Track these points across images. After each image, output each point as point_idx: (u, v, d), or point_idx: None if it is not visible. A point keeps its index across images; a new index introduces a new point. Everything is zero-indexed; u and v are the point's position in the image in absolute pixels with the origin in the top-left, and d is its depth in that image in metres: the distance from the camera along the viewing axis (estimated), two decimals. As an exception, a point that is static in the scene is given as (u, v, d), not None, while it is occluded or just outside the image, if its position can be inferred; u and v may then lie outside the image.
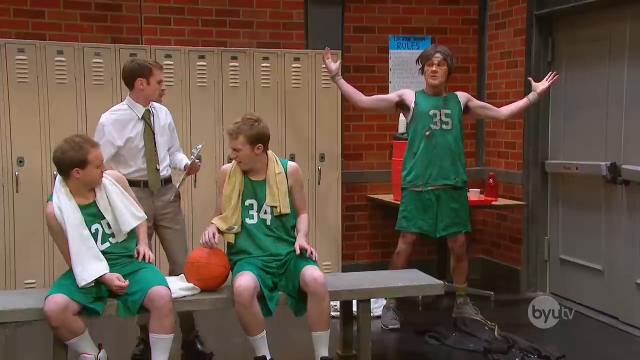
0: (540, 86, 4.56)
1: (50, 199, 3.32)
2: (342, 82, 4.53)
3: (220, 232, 3.56)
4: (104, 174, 3.36)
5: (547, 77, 4.61)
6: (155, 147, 3.81)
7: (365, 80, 5.71)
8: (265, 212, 3.59)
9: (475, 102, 4.63)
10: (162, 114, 3.93)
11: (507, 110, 4.62)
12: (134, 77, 3.76)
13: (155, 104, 3.91)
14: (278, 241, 3.59)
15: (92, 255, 3.23)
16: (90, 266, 3.20)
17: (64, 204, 3.24)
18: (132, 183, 3.72)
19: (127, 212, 3.37)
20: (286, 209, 3.60)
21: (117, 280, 3.23)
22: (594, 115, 4.84)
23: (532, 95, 4.58)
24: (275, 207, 3.58)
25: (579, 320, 4.76)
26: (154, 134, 3.81)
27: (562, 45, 5.17)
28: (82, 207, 3.29)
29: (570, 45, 5.10)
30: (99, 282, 3.23)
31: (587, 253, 4.97)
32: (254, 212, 3.57)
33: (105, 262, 3.25)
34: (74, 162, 3.22)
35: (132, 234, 3.43)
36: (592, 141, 4.84)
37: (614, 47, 4.67)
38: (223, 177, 3.62)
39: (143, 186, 3.79)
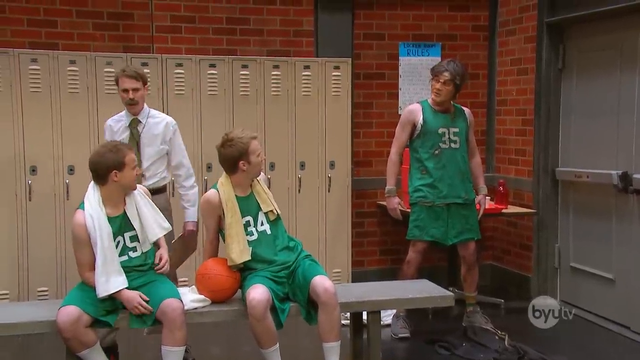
0: (481, 200, 4.62)
1: (80, 207, 3.34)
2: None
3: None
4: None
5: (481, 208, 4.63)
6: (140, 156, 3.86)
7: (375, 87, 5.73)
8: (262, 224, 3.59)
9: (471, 132, 4.59)
10: (160, 125, 3.97)
11: (473, 162, 4.60)
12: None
13: (160, 115, 4.00)
14: (282, 250, 3.60)
15: (115, 269, 3.27)
16: (114, 279, 3.24)
17: (95, 213, 3.28)
18: None
19: (154, 222, 3.42)
20: (279, 210, 3.64)
21: (139, 298, 3.24)
22: (605, 124, 4.82)
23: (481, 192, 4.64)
24: (271, 211, 3.60)
25: (590, 329, 4.77)
26: (137, 143, 3.88)
27: (573, 52, 5.15)
28: (109, 219, 3.32)
29: (581, 53, 5.08)
30: (114, 296, 3.26)
31: (598, 261, 4.95)
32: (252, 229, 3.56)
33: (124, 277, 3.28)
34: (113, 164, 3.28)
35: (151, 247, 3.46)
36: (603, 150, 4.83)
37: (626, 55, 4.65)
38: (213, 207, 3.54)
39: None
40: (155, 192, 3.91)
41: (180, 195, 4.10)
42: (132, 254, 3.38)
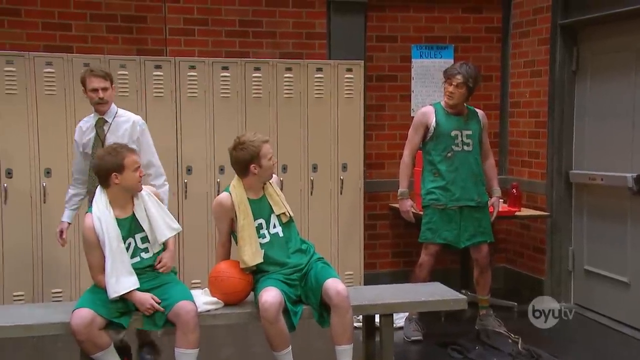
0: (495, 203, 4.62)
1: (89, 210, 3.38)
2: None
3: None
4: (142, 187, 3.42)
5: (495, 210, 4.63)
6: None
7: (387, 90, 5.73)
8: (275, 226, 3.59)
9: (485, 134, 4.57)
10: (126, 125, 3.90)
11: (487, 164, 4.59)
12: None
13: (126, 114, 3.95)
14: (295, 252, 3.60)
15: (125, 269, 3.28)
16: (123, 279, 3.26)
17: (103, 215, 3.30)
18: (88, 191, 3.84)
19: (163, 223, 3.43)
20: (291, 212, 3.64)
21: (152, 300, 3.26)
22: (620, 126, 4.79)
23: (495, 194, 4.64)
24: (283, 213, 3.60)
25: (604, 333, 4.74)
26: (103, 143, 3.83)
27: (587, 55, 5.12)
28: (119, 221, 3.34)
29: (595, 55, 5.05)
30: (126, 298, 3.28)
31: (612, 265, 4.92)
32: (264, 231, 3.57)
33: (135, 277, 3.30)
34: (112, 167, 3.29)
35: (162, 248, 3.48)
36: (618, 152, 4.80)
37: (640, 57, 4.62)
38: (225, 209, 3.55)
39: None
40: None
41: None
42: (144, 255, 3.40)
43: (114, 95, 3.96)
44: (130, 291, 3.27)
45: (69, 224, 4.07)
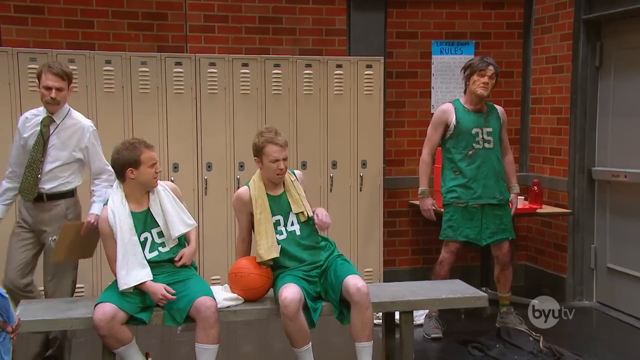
0: (513, 199, 4.56)
1: (106, 203, 3.42)
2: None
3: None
4: (158, 182, 3.44)
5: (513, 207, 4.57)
6: (43, 157, 3.63)
7: (407, 86, 5.70)
8: (292, 224, 3.58)
9: (504, 130, 4.54)
10: (73, 129, 3.69)
11: (506, 160, 4.54)
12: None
13: (77, 118, 3.74)
14: (312, 249, 3.60)
15: (137, 262, 3.30)
16: (134, 272, 3.28)
17: (117, 208, 3.33)
18: (21, 190, 3.67)
19: (177, 218, 3.44)
20: (310, 212, 3.61)
21: (164, 290, 3.26)
22: (644, 123, 4.73)
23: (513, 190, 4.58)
24: (302, 212, 3.59)
25: (628, 331, 4.69)
26: (44, 144, 3.64)
27: (611, 50, 5.05)
28: (135, 215, 3.37)
29: (620, 51, 4.98)
30: (141, 289, 3.29)
31: (636, 262, 4.86)
32: (282, 228, 3.57)
33: (148, 270, 3.32)
34: (128, 162, 3.31)
35: (182, 242, 3.49)
36: (642, 149, 4.74)
37: (665, 52, 4.55)
38: (243, 203, 3.56)
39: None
40: (51, 197, 3.66)
41: (93, 192, 3.76)
42: (161, 250, 3.42)
43: (68, 96, 3.71)
44: (144, 283, 3.28)
45: (0, 219, 3.78)
